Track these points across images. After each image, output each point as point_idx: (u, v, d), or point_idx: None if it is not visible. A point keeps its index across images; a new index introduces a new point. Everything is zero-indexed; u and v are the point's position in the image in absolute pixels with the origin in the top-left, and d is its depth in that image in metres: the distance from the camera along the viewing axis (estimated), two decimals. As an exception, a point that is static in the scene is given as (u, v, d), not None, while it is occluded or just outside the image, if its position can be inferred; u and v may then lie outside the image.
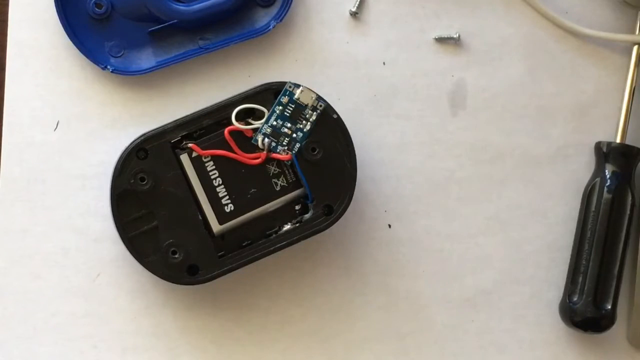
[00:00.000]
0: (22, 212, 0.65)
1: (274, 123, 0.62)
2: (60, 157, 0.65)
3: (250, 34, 0.65)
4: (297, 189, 0.63)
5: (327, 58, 0.66)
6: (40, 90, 0.65)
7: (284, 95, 0.62)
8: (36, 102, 0.65)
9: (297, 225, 0.63)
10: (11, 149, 0.65)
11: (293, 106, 0.62)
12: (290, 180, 0.63)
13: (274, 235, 0.63)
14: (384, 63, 0.67)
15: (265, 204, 0.62)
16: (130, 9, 0.64)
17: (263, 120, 0.62)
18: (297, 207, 0.63)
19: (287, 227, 0.63)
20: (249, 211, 0.62)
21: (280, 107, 0.62)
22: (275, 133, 0.62)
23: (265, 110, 0.62)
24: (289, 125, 0.62)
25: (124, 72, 0.64)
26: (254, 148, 0.62)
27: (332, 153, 0.62)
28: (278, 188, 0.63)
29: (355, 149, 0.63)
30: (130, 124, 0.65)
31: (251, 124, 0.62)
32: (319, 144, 0.62)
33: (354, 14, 0.66)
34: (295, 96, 0.62)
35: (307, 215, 0.63)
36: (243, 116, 0.62)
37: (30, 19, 0.65)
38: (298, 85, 0.62)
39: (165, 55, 0.65)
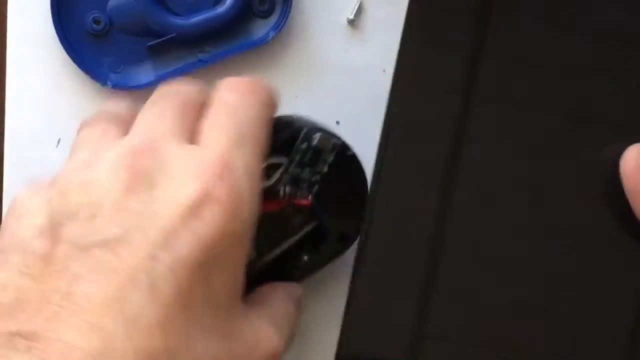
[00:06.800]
0: (27, 230, 0.65)
1: (293, 171, 0.59)
2: (63, 174, 0.65)
3: (249, 45, 0.65)
4: (313, 221, 0.60)
5: (326, 67, 0.66)
6: (40, 108, 0.65)
7: (303, 142, 0.59)
8: (37, 121, 0.65)
9: (314, 255, 0.61)
10: (14, 167, 0.65)
11: (311, 152, 0.60)
12: (307, 215, 0.60)
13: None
14: (384, 71, 0.66)
15: (283, 242, 0.60)
16: (128, 24, 0.64)
17: (281, 170, 0.59)
18: (313, 238, 0.61)
19: (305, 258, 0.61)
20: (268, 253, 0.60)
21: (299, 155, 0.59)
22: (294, 179, 0.59)
23: (283, 160, 0.59)
24: (307, 170, 0.59)
25: (123, 87, 0.65)
26: (270, 194, 0.59)
27: (345, 186, 0.60)
28: (295, 225, 0.60)
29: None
30: (131, 138, 0.65)
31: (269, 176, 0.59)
32: (334, 180, 0.60)
33: (352, 22, 0.66)
34: (314, 143, 0.60)
35: (323, 246, 0.61)
36: None
37: (29, 36, 0.65)
38: (316, 131, 0.60)
39: (165, 69, 0.65)
